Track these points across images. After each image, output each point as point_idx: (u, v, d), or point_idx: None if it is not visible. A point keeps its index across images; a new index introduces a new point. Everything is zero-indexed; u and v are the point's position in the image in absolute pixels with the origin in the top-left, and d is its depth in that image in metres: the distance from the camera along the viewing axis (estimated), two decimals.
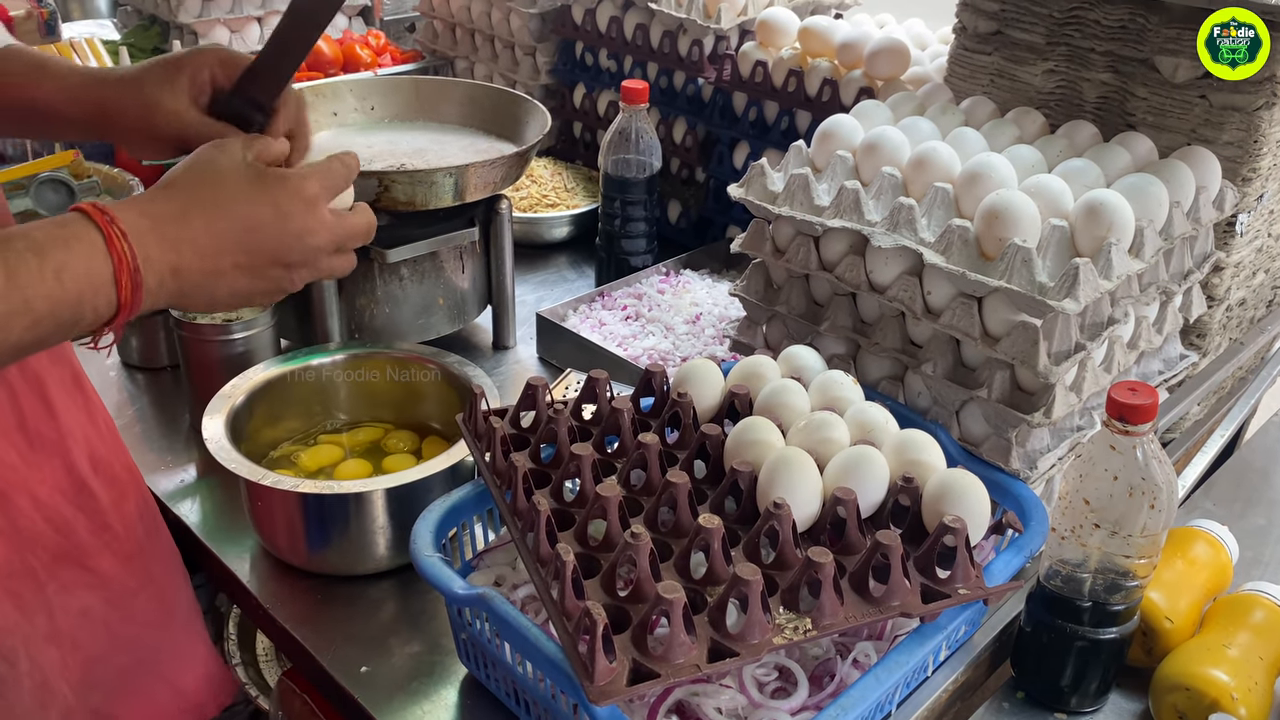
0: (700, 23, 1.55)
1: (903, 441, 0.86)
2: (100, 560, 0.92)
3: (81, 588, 0.90)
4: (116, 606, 0.93)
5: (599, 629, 0.65)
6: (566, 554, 0.70)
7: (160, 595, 0.99)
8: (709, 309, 1.39)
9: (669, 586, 0.67)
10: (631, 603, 0.71)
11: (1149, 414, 0.73)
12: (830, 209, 1.03)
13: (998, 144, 1.07)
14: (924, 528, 0.81)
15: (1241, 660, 0.80)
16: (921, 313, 0.98)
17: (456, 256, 1.29)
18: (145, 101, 0.85)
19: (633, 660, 0.67)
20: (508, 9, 1.85)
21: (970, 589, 0.77)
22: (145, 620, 0.96)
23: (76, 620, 0.90)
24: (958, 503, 0.80)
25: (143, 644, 0.96)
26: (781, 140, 1.47)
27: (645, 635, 0.68)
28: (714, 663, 0.68)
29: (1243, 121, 1.07)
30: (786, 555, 0.75)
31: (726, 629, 0.70)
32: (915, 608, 0.75)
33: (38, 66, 0.87)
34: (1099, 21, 1.13)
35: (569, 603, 0.70)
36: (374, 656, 0.91)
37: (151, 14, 2.14)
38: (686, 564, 0.75)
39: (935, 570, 0.78)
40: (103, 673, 0.93)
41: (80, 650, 0.90)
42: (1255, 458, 1.17)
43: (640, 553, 0.71)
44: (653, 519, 0.80)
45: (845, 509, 0.79)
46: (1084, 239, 0.93)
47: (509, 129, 1.39)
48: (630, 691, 0.66)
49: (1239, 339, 1.25)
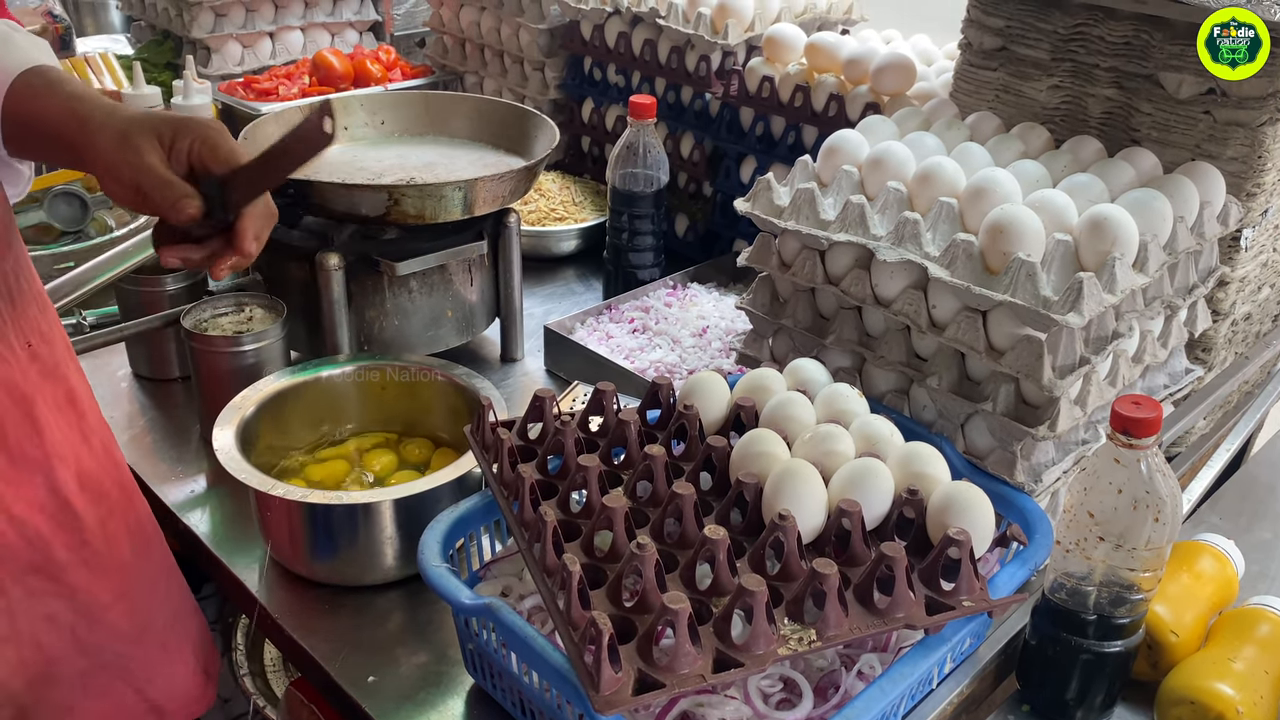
0: (708, 39, 1.56)
1: (907, 454, 0.86)
2: (74, 575, 0.93)
3: (50, 596, 0.92)
4: (84, 615, 0.94)
5: (604, 639, 0.65)
6: (573, 564, 0.71)
7: (135, 609, 0.99)
8: (715, 322, 1.39)
9: (674, 597, 0.68)
10: (637, 613, 0.72)
11: (1153, 427, 0.74)
12: (836, 223, 1.03)
13: (1002, 159, 1.08)
14: (928, 540, 0.82)
15: (1247, 674, 0.80)
16: (926, 326, 0.98)
17: (465, 269, 1.30)
18: (122, 139, 0.79)
19: (638, 670, 0.68)
20: (517, 25, 1.86)
21: (975, 601, 0.77)
22: (115, 632, 0.97)
23: (41, 624, 0.91)
24: (962, 515, 0.80)
25: (110, 651, 0.98)
26: (788, 155, 1.48)
27: (651, 645, 0.69)
28: (719, 673, 0.68)
29: (1247, 137, 1.08)
30: (791, 567, 0.76)
31: (732, 639, 0.70)
32: (919, 619, 0.75)
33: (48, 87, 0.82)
34: (1103, 38, 1.14)
35: (575, 613, 0.70)
36: (381, 666, 0.91)
37: (165, 29, 2.17)
38: (692, 575, 0.76)
39: (940, 582, 0.78)
40: (66, 671, 0.94)
41: (42, 651, 0.92)
42: (1261, 472, 1.17)
43: (646, 563, 0.71)
44: (659, 530, 0.80)
45: (850, 521, 0.79)
46: (1088, 253, 0.94)
47: (518, 143, 1.40)
48: (636, 701, 0.66)
49: (1244, 353, 1.26)
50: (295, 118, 1.35)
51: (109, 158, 0.78)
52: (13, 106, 0.81)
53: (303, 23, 2.20)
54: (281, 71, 2.06)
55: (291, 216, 1.25)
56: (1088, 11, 1.14)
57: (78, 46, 2.10)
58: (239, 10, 2.09)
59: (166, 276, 1.27)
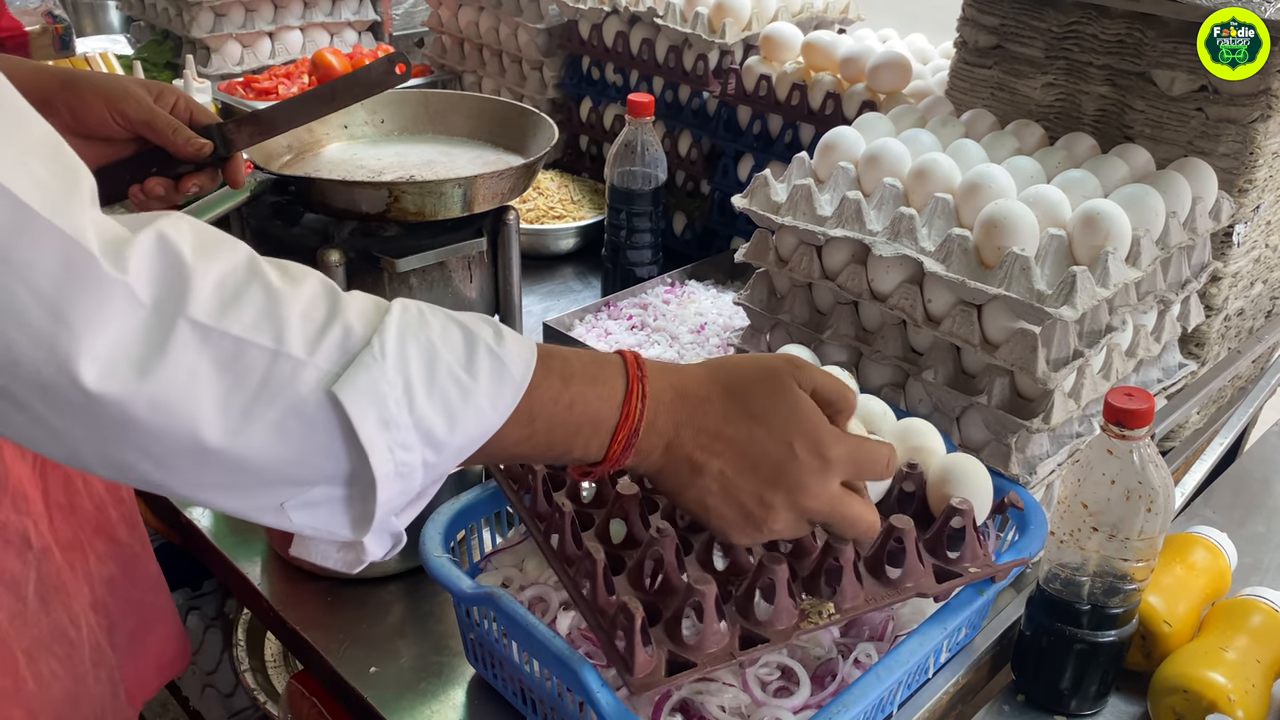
0: (705, 38, 1.57)
1: (903, 430, 0.88)
2: (120, 530, 0.98)
3: (109, 559, 0.96)
4: (127, 571, 0.99)
5: (637, 622, 0.67)
6: (598, 553, 0.73)
7: (150, 556, 1.04)
8: (713, 318, 1.40)
9: (700, 577, 0.69)
10: (660, 596, 0.73)
11: (1145, 419, 0.75)
12: (833, 219, 1.04)
13: (997, 155, 1.09)
14: (929, 512, 0.84)
15: (1239, 663, 0.81)
16: (922, 320, 0.99)
17: (464, 266, 1.30)
18: (118, 82, 0.90)
19: (668, 652, 0.69)
20: (515, 24, 1.87)
21: (980, 567, 0.79)
22: (146, 583, 1.03)
23: (106, 589, 0.96)
24: (961, 485, 0.82)
25: (144, 606, 1.02)
26: (785, 153, 1.49)
27: (679, 627, 0.70)
28: (746, 649, 0.70)
29: (1239, 134, 1.09)
30: (804, 543, 0.77)
31: (755, 616, 0.72)
32: (930, 588, 0.77)
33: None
34: (1097, 36, 1.15)
35: (602, 599, 0.72)
36: (383, 657, 0.92)
37: (164, 29, 2.17)
38: (708, 557, 0.78)
39: (945, 551, 0.80)
40: (118, 638, 0.98)
41: (109, 616, 0.96)
42: (1254, 467, 1.18)
43: (666, 547, 0.73)
44: (670, 514, 0.82)
45: None
46: (1082, 248, 0.95)
47: (517, 142, 1.41)
48: (669, 682, 0.68)
49: (1237, 348, 1.27)
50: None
51: (112, 99, 0.88)
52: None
53: (302, 23, 2.20)
54: (281, 71, 2.07)
55: (292, 214, 1.26)
56: (1081, 10, 1.15)
57: (77, 46, 2.11)
58: (238, 10, 2.10)
59: None
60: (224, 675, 1.60)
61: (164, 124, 0.90)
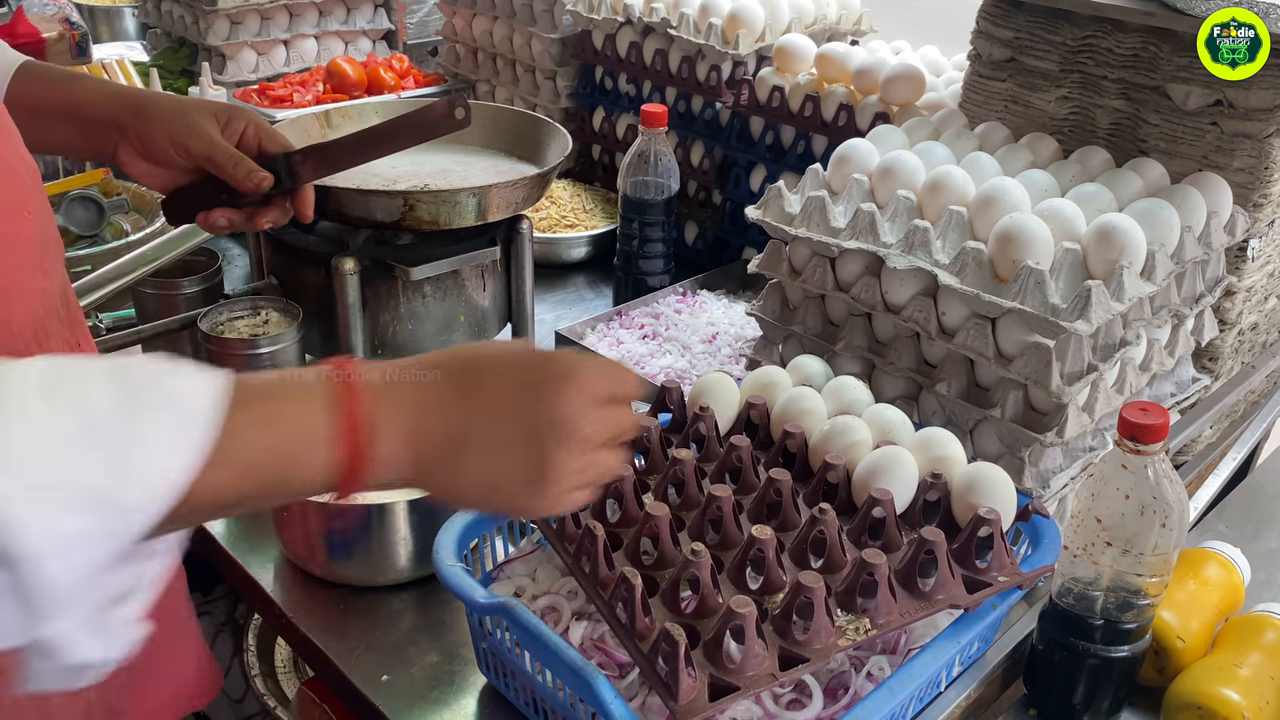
0: (718, 48, 1.58)
1: (924, 440, 0.88)
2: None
3: None
4: None
5: (680, 649, 0.67)
6: (634, 578, 0.72)
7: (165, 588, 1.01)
8: (725, 328, 1.40)
9: (740, 601, 0.69)
10: (697, 618, 0.73)
11: (1160, 434, 0.75)
12: (846, 230, 1.05)
13: (1011, 169, 1.09)
14: (954, 522, 0.84)
15: (1253, 680, 0.81)
16: (936, 333, 0.99)
17: (478, 275, 1.31)
18: (184, 113, 0.90)
19: (710, 675, 0.69)
20: (529, 34, 1.88)
21: (1009, 576, 0.79)
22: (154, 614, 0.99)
23: None
24: (987, 495, 0.82)
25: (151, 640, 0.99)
26: (798, 164, 1.49)
27: (719, 650, 0.70)
28: (786, 670, 0.70)
29: (1254, 148, 1.09)
30: (835, 558, 0.77)
31: (794, 636, 0.72)
32: (962, 599, 0.77)
33: (69, 74, 0.94)
34: (1112, 50, 1.15)
35: (640, 624, 0.72)
36: (394, 666, 0.92)
37: (180, 36, 2.19)
38: (741, 575, 0.77)
39: (974, 561, 0.80)
40: (115, 671, 0.95)
41: None
42: (1268, 481, 1.17)
43: (702, 569, 0.73)
44: (698, 533, 0.82)
45: (883, 509, 0.81)
46: (1096, 262, 0.95)
47: (530, 151, 1.41)
48: (713, 707, 0.68)
49: (1250, 363, 1.26)
50: (311, 124, 1.36)
51: (175, 134, 0.89)
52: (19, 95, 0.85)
53: (317, 31, 2.22)
54: (296, 79, 2.08)
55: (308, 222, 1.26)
56: (1096, 24, 1.15)
57: (94, 53, 2.12)
58: (254, 18, 2.11)
59: (183, 280, 1.28)
60: (234, 680, 1.60)
61: (225, 158, 0.90)
